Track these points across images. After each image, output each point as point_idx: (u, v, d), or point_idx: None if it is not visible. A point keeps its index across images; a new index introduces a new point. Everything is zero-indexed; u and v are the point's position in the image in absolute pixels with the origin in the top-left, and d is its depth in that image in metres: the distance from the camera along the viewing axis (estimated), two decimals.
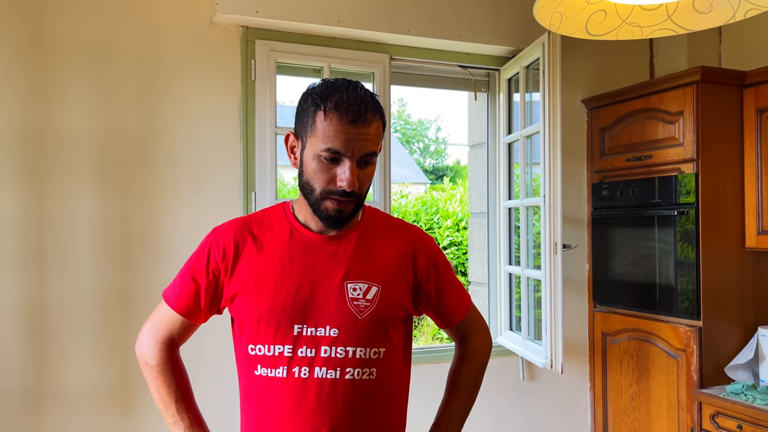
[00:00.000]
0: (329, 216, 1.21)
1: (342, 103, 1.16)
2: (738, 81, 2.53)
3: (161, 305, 1.32)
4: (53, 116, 2.22)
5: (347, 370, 1.21)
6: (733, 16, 1.30)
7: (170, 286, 1.32)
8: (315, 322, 1.21)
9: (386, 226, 1.34)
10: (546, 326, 2.51)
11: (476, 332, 1.46)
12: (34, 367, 2.19)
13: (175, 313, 1.29)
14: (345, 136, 1.16)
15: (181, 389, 1.30)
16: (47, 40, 2.22)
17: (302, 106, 1.22)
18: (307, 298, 1.22)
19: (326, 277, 1.23)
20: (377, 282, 1.25)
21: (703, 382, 2.47)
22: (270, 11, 2.43)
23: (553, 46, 2.45)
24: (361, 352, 1.22)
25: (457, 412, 1.44)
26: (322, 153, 1.17)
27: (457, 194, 7.63)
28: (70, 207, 2.24)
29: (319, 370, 1.20)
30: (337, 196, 1.19)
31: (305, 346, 1.21)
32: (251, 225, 1.29)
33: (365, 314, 1.23)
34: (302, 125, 1.21)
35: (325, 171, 1.18)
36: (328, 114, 1.16)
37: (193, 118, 2.40)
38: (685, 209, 2.51)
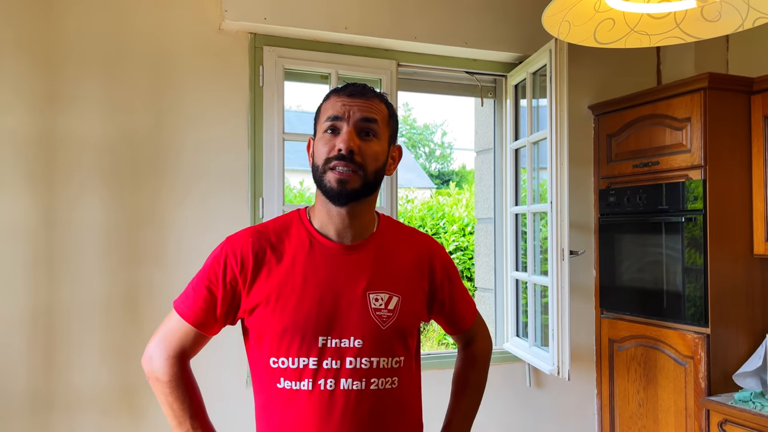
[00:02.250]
0: (333, 190, 1.20)
1: (343, 87, 1.26)
2: (745, 87, 2.52)
3: (171, 317, 1.27)
4: (63, 121, 2.24)
5: (372, 381, 1.21)
6: (742, 25, 1.30)
7: (182, 297, 1.27)
8: (339, 334, 1.21)
9: (401, 234, 1.35)
10: (553, 332, 2.51)
11: (481, 335, 1.50)
12: (42, 370, 2.20)
13: (188, 325, 1.25)
14: (342, 103, 1.23)
15: (194, 405, 1.27)
16: (59, 45, 2.24)
17: (316, 110, 1.29)
18: (331, 310, 1.21)
19: (348, 287, 1.23)
20: (398, 292, 1.26)
21: (711, 390, 2.46)
22: (278, 18, 2.44)
23: (560, 53, 2.46)
24: (384, 362, 1.23)
25: (467, 413, 1.46)
26: (324, 126, 1.23)
27: (462, 199, 7.63)
28: (79, 211, 2.25)
29: (345, 381, 1.20)
30: (336, 161, 1.20)
31: (330, 358, 1.20)
32: (268, 234, 1.26)
33: (388, 324, 1.24)
34: (314, 124, 1.28)
35: (326, 144, 1.22)
36: (329, 97, 1.26)
37: (201, 123, 2.41)
38: (692, 216, 2.50)
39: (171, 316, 1.27)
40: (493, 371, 2.85)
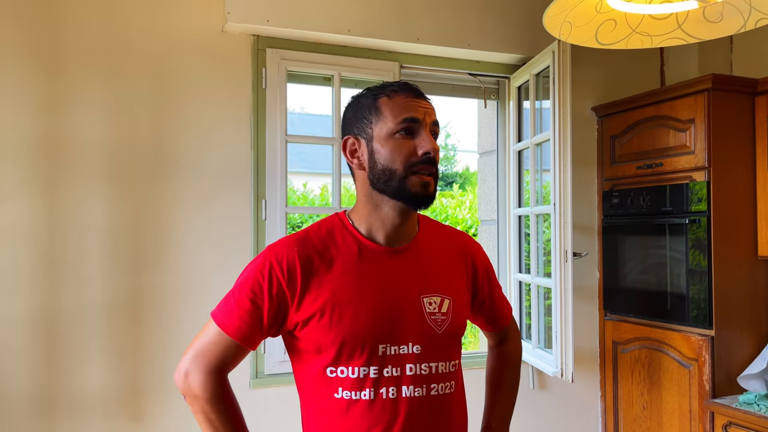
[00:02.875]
0: (417, 194, 1.17)
1: (401, 86, 1.20)
2: (749, 89, 2.51)
3: (209, 330, 1.20)
4: (66, 125, 2.25)
5: (432, 386, 1.20)
6: (744, 26, 1.30)
7: (222, 308, 1.20)
8: (398, 341, 1.18)
9: (441, 233, 1.33)
10: (556, 335, 2.50)
11: (514, 332, 1.49)
12: (46, 374, 2.21)
13: (231, 339, 1.17)
14: (415, 105, 1.18)
15: (238, 421, 1.22)
16: (62, 49, 2.25)
17: (356, 107, 1.22)
18: (389, 317, 1.18)
19: (402, 292, 1.20)
20: (448, 294, 1.24)
21: (716, 392, 2.45)
22: (281, 20, 2.45)
23: (564, 54, 2.45)
24: (442, 366, 1.21)
25: (505, 412, 1.45)
26: (398, 127, 1.16)
27: (466, 201, 7.62)
28: (83, 214, 2.26)
29: (406, 389, 1.17)
30: (422, 164, 1.16)
31: (391, 366, 1.17)
32: (313, 242, 1.20)
33: (443, 328, 1.22)
34: (361, 122, 1.20)
35: (403, 146, 1.16)
36: (392, 96, 1.18)
37: (204, 125, 2.42)
38: (696, 217, 2.49)
39: (208, 328, 1.20)
40: None
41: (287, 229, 2.52)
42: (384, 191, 1.18)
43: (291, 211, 2.58)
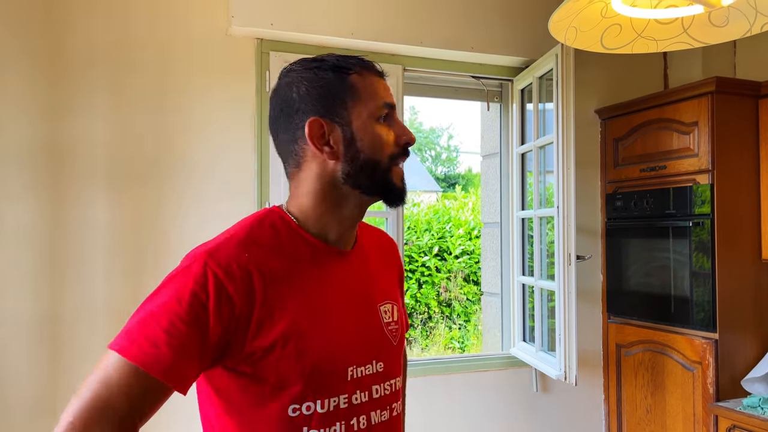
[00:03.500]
0: (401, 190, 1.02)
1: (364, 63, 1.01)
2: (753, 91, 2.51)
3: (114, 369, 0.86)
4: (69, 127, 2.25)
5: (393, 407, 1.04)
6: (750, 30, 1.30)
7: (136, 337, 0.87)
8: (364, 359, 1.00)
9: (372, 233, 1.17)
10: (560, 338, 2.50)
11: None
12: (48, 375, 2.21)
13: (152, 378, 0.85)
14: (386, 87, 1.02)
15: None
16: (65, 52, 2.25)
17: (316, 83, 0.98)
18: (356, 333, 1.00)
19: (362, 301, 1.03)
20: (394, 299, 1.09)
21: (720, 395, 2.44)
22: (285, 23, 2.45)
23: (567, 57, 2.45)
24: (397, 382, 1.06)
25: None
26: (381, 112, 0.99)
27: (469, 203, 7.62)
28: (86, 217, 2.26)
29: (374, 414, 0.99)
30: (402, 156, 1.01)
31: (359, 391, 0.98)
32: (263, 246, 0.96)
33: (397, 339, 1.07)
34: (331, 103, 0.97)
35: (385, 134, 0.99)
36: (362, 74, 0.99)
37: (207, 129, 2.42)
38: (700, 220, 2.49)
39: (109, 367, 0.87)
40: (500, 376, 2.86)
41: None
42: (361, 186, 0.99)
43: None
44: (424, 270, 6.78)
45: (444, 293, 6.87)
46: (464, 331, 6.91)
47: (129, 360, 0.86)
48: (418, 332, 6.77)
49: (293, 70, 1.01)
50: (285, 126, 1.00)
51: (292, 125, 0.99)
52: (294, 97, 0.98)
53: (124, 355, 0.86)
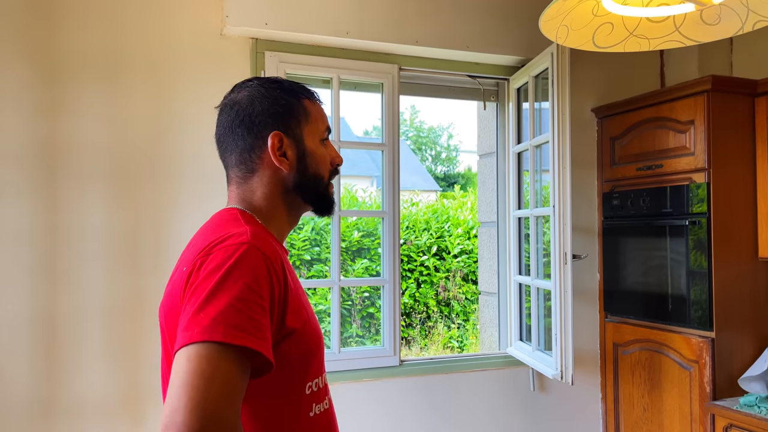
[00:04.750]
0: (332, 201, 1.16)
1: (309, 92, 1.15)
2: (749, 90, 2.51)
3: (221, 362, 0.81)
4: (65, 128, 2.25)
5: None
6: (741, 28, 1.29)
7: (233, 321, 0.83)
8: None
9: None
10: (556, 337, 2.50)
11: None
12: (46, 377, 2.21)
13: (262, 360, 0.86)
14: (326, 115, 1.17)
15: None
16: (59, 52, 2.25)
17: (275, 101, 1.08)
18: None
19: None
20: None
21: (716, 394, 2.44)
22: (279, 23, 2.45)
23: (562, 56, 2.45)
24: None
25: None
26: (323, 135, 1.13)
27: (467, 202, 7.61)
28: (81, 217, 2.26)
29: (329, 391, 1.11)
30: (334, 174, 1.16)
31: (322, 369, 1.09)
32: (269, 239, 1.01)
33: None
34: (288, 120, 1.08)
35: (325, 154, 1.13)
36: (311, 99, 1.14)
37: (202, 129, 2.42)
38: (696, 219, 2.48)
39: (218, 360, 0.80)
40: (497, 375, 2.85)
41: None
42: (305, 196, 1.11)
43: None
44: (423, 269, 6.78)
45: (443, 293, 6.86)
46: (463, 331, 6.91)
47: (246, 344, 0.82)
48: (417, 332, 6.76)
49: (251, 86, 1.11)
50: (243, 135, 1.08)
51: (252, 135, 1.08)
52: (256, 111, 1.08)
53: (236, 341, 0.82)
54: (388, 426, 2.65)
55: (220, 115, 1.11)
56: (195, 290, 0.88)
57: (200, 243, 0.98)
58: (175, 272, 1.04)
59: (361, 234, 6.25)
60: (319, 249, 5.99)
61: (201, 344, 0.80)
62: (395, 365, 2.67)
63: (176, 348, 0.82)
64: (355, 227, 6.25)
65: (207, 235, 1.01)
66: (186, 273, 0.93)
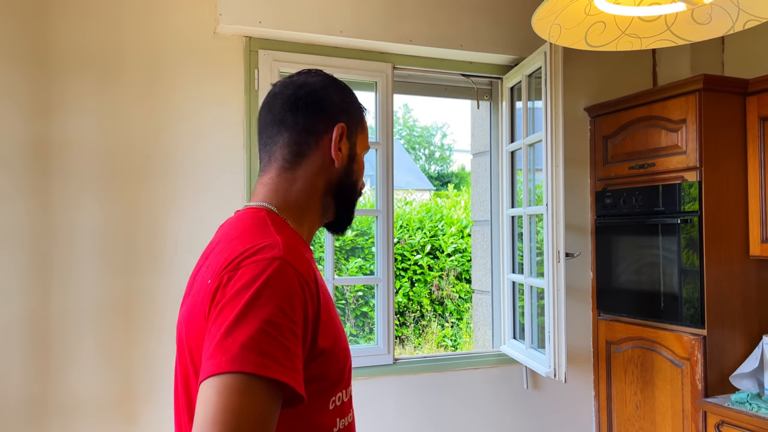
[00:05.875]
0: (351, 220, 1.12)
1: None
2: (741, 89, 2.52)
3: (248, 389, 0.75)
4: (57, 127, 2.24)
5: None
6: (732, 27, 1.30)
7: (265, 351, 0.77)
8: None
9: None
10: (549, 335, 2.51)
11: None
12: (38, 377, 2.20)
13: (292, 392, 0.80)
14: None
15: None
16: (52, 52, 2.24)
17: (347, 100, 1.06)
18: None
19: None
20: None
21: (708, 391, 2.46)
22: (273, 22, 2.44)
23: (555, 55, 2.46)
24: None
25: None
26: (366, 152, 1.11)
27: (461, 201, 7.63)
28: (74, 217, 2.25)
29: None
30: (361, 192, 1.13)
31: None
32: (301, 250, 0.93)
33: None
34: (351, 120, 1.05)
35: (362, 171, 1.11)
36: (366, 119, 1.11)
37: (196, 128, 2.42)
38: (688, 217, 2.50)
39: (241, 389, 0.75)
40: (491, 373, 2.86)
41: None
42: (338, 201, 1.06)
43: None
44: (417, 268, 6.79)
45: (436, 291, 6.87)
46: (456, 329, 6.92)
47: (271, 377, 0.76)
48: (411, 330, 6.77)
49: (323, 75, 1.06)
50: (308, 115, 1.01)
51: (317, 118, 1.02)
52: (330, 98, 1.03)
53: (260, 372, 0.75)
54: (381, 424, 2.66)
55: (283, 90, 1.03)
56: (221, 310, 0.80)
57: (227, 252, 0.89)
58: (195, 280, 0.95)
59: (354, 233, 6.25)
60: (312, 248, 5.99)
61: (229, 375, 0.75)
62: (389, 364, 2.68)
63: (202, 377, 0.77)
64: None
65: (235, 243, 0.91)
66: (211, 288, 0.85)
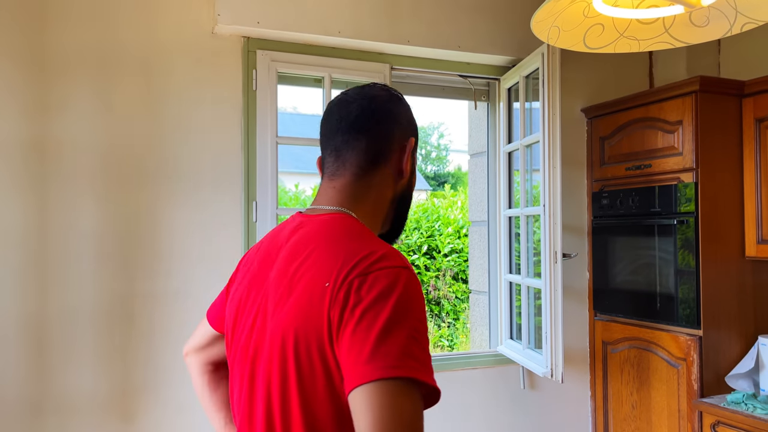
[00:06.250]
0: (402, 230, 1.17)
1: None
2: (737, 90, 2.54)
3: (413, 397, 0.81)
4: (55, 127, 2.24)
5: None
6: (730, 30, 1.31)
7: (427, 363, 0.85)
8: None
9: None
10: (546, 335, 2.52)
11: None
12: (35, 376, 2.20)
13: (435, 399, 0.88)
14: None
15: None
16: (50, 52, 2.24)
17: (414, 119, 1.13)
18: None
19: None
20: None
21: (704, 392, 2.47)
22: (271, 22, 2.45)
23: (553, 56, 2.47)
24: None
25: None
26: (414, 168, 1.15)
27: (458, 201, 7.63)
28: (72, 217, 2.25)
29: None
30: None
31: None
32: None
33: None
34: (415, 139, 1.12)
35: None
36: None
37: (194, 127, 2.41)
38: (684, 218, 2.51)
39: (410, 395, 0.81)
40: (488, 373, 2.87)
41: None
42: (398, 210, 1.11)
43: (282, 213, 2.58)
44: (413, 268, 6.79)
45: (433, 292, 6.88)
46: (453, 329, 6.93)
47: (425, 381, 0.82)
48: None
49: (388, 90, 1.11)
50: (385, 127, 1.07)
51: (393, 132, 1.07)
52: (402, 113, 1.10)
53: (421, 378, 0.81)
54: None
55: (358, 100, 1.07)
56: (364, 315, 0.84)
57: (339, 256, 0.91)
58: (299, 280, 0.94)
59: None
60: None
61: (394, 380, 0.80)
62: None
63: (362, 380, 0.80)
64: None
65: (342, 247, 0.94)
66: (332, 290, 0.87)
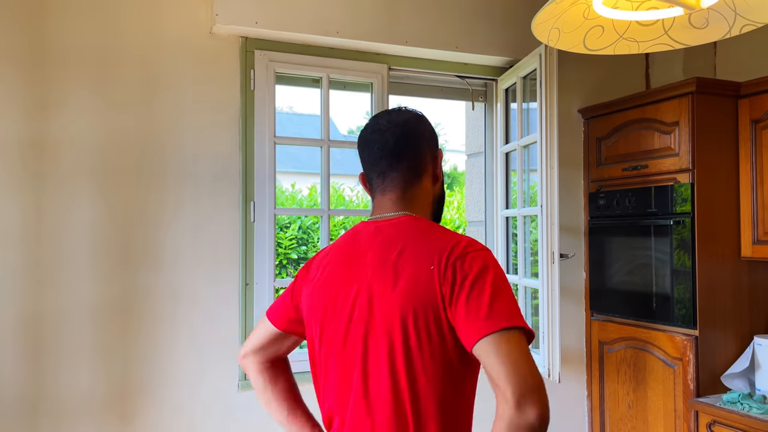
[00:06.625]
0: None
1: None
2: (733, 92, 2.55)
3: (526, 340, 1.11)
4: (53, 126, 2.23)
5: None
6: (729, 32, 1.32)
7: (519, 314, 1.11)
8: None
9: None
10: (543, 335, 2.52)
11: None
12: (33, 376, 2.19)
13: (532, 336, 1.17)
14: None
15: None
16: (48, 50, 2.23)
17: (434, 134, 1.34)
18: None
19: None
20: None
21: (700, 391, 2.48)
22: (269, 22, 2.44)
23: (550, 57, 2.47)
24: None
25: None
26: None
27: (454, 201, 7.64)
28: (70, 215, 2.25)
29: None
30: None
31: None
32: None
33: None
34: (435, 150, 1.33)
35: None
36: None
37: (192, 127, 2.41)
38: (681, 219, 2.52)
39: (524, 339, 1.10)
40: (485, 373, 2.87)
41: (275, 230, 2.52)
42: (435, 211, 1.32)
43: (279, 213, 2.58)
44: None
45: None
46: None
47: (529, 329, 1.10)
48: None
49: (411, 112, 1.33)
50: (421, 147, 1.29)
51: (426, 149, 1.30)
52: (428, 131, 1.33)
53: (528, 328, 1.09)
54: None
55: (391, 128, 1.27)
56: (473, 286, 1.08)
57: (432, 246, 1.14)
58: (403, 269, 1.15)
59: None
60: (306, 248, 5.99)
61: (514, 330, 1.06)
62: None
63: (485, 332, 1.06)
64: (342, 226, 6.25)
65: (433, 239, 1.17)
66: (438, 271, 1.11)
